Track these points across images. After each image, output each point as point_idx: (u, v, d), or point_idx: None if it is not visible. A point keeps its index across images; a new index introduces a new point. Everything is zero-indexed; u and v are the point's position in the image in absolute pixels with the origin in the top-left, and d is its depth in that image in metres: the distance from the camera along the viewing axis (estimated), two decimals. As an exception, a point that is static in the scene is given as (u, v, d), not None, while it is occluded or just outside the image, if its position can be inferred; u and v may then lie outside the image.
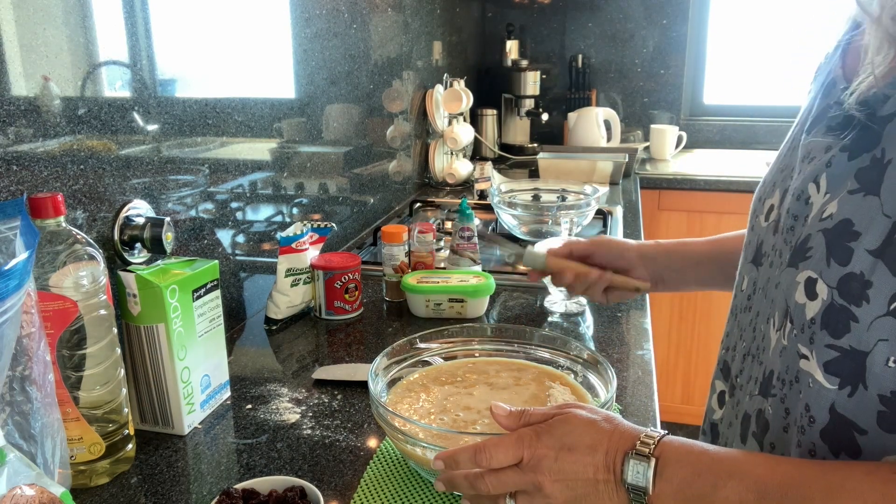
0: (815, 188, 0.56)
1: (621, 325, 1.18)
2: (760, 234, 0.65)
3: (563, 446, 0.59)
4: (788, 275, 0.56)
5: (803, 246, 0.55)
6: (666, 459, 0.56)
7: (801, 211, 0.57)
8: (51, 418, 0.64)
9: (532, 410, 0.64)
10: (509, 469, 0.60)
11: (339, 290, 1.21)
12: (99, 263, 0.72)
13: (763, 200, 0.66)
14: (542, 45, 3.06)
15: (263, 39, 1.27)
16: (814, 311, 0.52)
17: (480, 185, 2.07)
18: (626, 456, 0.57)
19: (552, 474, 0.58)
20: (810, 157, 0.59)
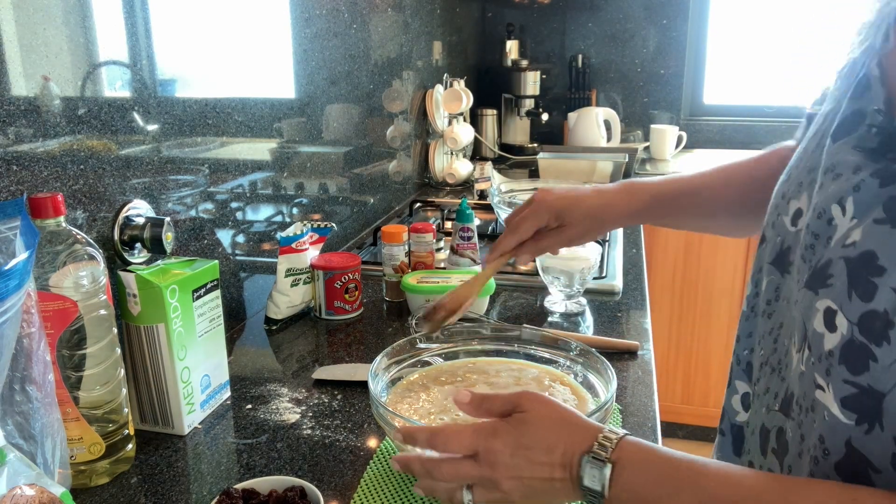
0: (839, 210, 0.52)
1: (621, 325, 1.18)
2: (785, 238, 0.60)
3: (520, 445, 0.59)
4: (806, 298, 0.53)
5: (824, 271, 0.51)
6: (623, 464, 0.55)
7: (822, 231, 0.53)
8: (51, 418, 0.64)
9: (493, 396, 0.64)
10: (465, 460, 0.60)
11: (339, 290, 1.21)
12: (99, 263, 0.72)
13: (788, 199, 0.61)
14: (542, 45, 3.06)
15: (263, 39, 1.27)
16: (832, 344, 0.49)
17: (480, 185, 2.07)
18: (582, 457, 0.56)
19: (507, 471, 0.58)
20: (835, 171, 0.54)
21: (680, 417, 2.63)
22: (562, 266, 1.20)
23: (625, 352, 1.06)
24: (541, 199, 0.87)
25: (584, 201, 0.86)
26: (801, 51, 2.84)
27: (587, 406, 0.80)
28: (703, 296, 2.48)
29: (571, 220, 0.86)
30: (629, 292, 1.33)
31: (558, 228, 0.87)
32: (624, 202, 0.87)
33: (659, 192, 0.88)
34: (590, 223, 0.87)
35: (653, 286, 2.49)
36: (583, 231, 0.88)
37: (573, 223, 0.86)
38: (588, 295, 1.29)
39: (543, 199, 0.86)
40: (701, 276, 2.47)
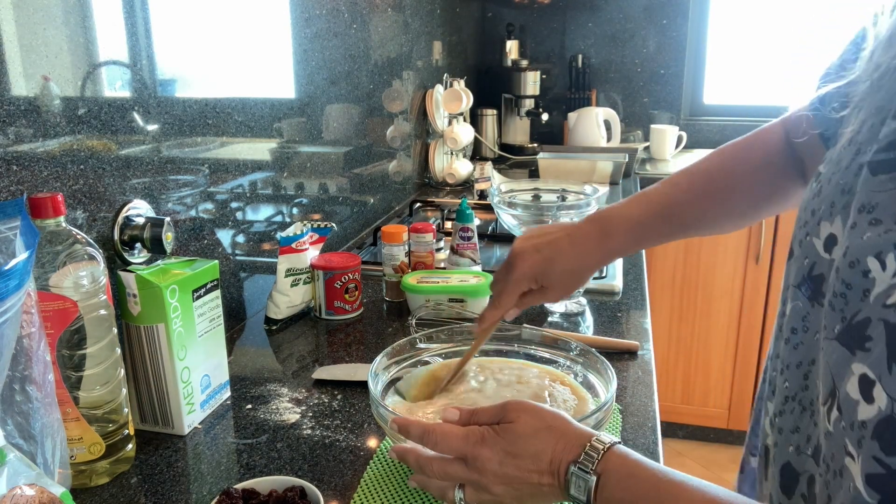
0: (877, 265, 0.45)
1: (621, 325, 1.18)
2: (817, 263, 0.54)
3: (508, 453, 0.59)
4: (838, 354, 0.47)
5: (860, 331, 0.45)
6: (607, 477, 0.56)
7: (855, 282, 0.47)
8: (51, 418, 0.64)
9: (481, 410, 0.65)
10: (455, 462, 0.61)
11: (339, 290, 1.21)
12: (99, 263, 0.72)
13: (819, 220, 0.55)
14: (542, 45, 3.06)
15: (263, 39, 1.27)
16: (867, 416, 0.44)
17: (480, 185, 2.07)
18: (569, 466, 0.57)
19: (496, 477, 0.60)
20: (873, 214, 0.47)
21: (680, 417, 2.63)
22: (562, 266, 1.20)
23: (625, 352, 1.06)
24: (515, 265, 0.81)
25: (558, 261, 0.80)
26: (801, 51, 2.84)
27: (587, 406, 0.80)
28: (703, 296, 2.48)
29: (550, 283, 0.82)
30: (629, 292, 1.33)
31: (540, 290, 0.83)
32: (599, 247, 0.81)
33: (636, 224, 0.81)
34: (568, 280, 0.83)
35: (653, 286, 2.49)
36: (563, 289, 0.84)
37: (552, 285, 0.82)
38: (588, 295, 1.29)
39: (518, 266, 0.81)
40: (701, 276, 2.47)
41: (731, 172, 0.81)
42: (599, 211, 0.84)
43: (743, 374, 2.52)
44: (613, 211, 0.82)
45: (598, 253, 0.81)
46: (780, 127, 0.80)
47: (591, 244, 0.81)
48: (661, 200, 0.81)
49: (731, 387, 2.54)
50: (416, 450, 0.64)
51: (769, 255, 2.39)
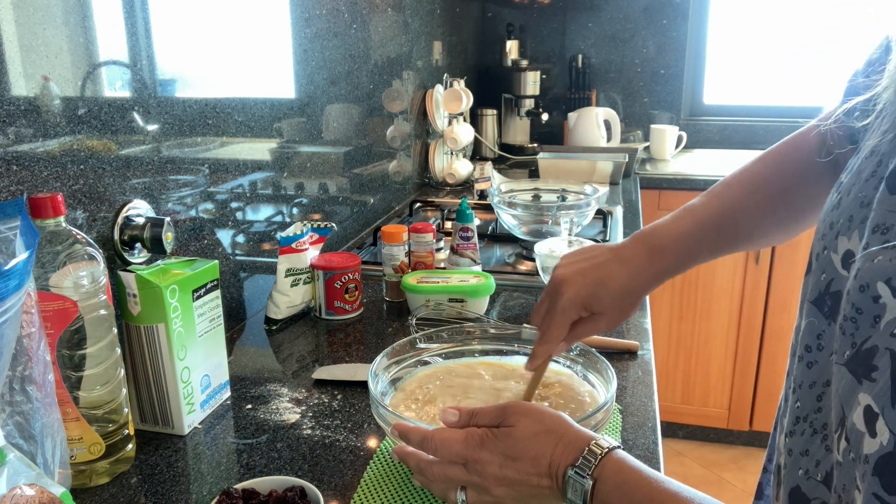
0: (888, 291, 0.43)
1: (621, 325, 1.18)
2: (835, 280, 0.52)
3: (508, 456, 0.60)
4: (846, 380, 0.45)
5: (868, 358, 0.43)
6: (603, 483, 0.56)
7: (866, 307, 0.44)
8: (51, 418, 0.64)
9: (480, 412, 0.65)
10: (456, 465, 0.62)
11: (339, 290, 1.21)
12: (99, 263, 0.72)
13: (837, 234, 0.52)
14: (542, 45, 3.06)
15: (263, 39, 1.27)
16: (870, 450, 0.41)
17: (480, 185, 2.07)
18: (567, 469, 0.57)
19: (496, 480, 0.60)
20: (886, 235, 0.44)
21: (680, 417, 2.63)
22: (562, 266, 1.20)
23: (625, 352, 1.06)
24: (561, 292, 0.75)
25: (608, 283, 0.74)
26: (801, 51, 2.84)
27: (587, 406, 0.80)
28: (703, 296, 2.48)
29: (602, 308, 0.75)
30: (629, 292, 1.33)
31: (591, 317, 0.76)
32: (650, 266, 0.76)
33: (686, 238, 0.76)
34: (621, 303, 0.76)
35: (653, 286, 2.49)
36: (617, 315, 0.77)
37: (605, 310, 0.75)
38: (588, 295, 1.29)
39: (564, 293, 0.74)
40: (701, 276, 2.47)
41: (776, 178, 0.77)
42: (643, 229, 0.79)
43: (743, 374, 2.52)
44: (659, 227, 0.78)
45: (649, 272, 0.76)
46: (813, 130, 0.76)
47: (641, 263, 0.75)
48: (708, 212, 0.77)
49: (731, 387, 2.54)
50: (416, 453, 0.65)
51: (769, 256, 2.39)
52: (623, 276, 0.75)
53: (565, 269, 0.76)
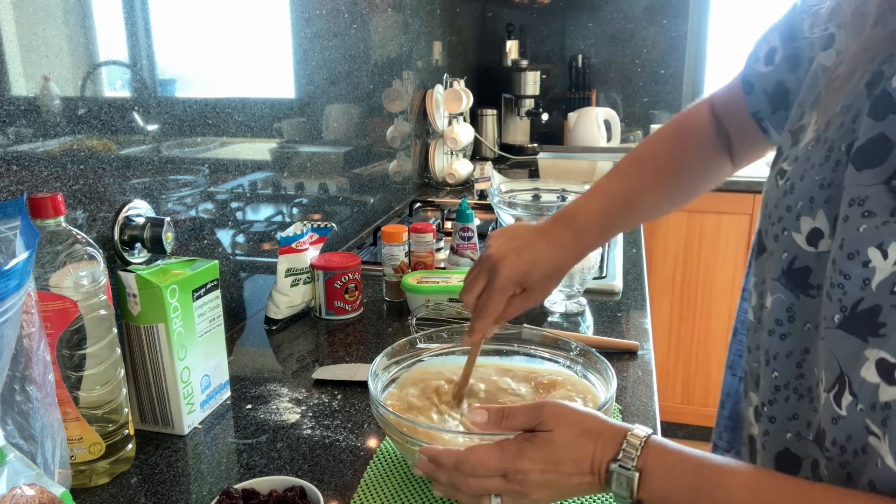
0: (878, 254, 0.48)
1: (621, 325, 1.18)
2: (799, 256, 0.57)
3: (549, 461, 0.59)
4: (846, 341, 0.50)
5: (870, 318, 0.48)
6: (649, 471, 0.56)
7: (855, 272, 0.49)
8: (51, 418, 0.64)
9: (513, 411, 0.63)
10: (494, 478, 0.60)
11: (339, 290, 1.21)
12: (99, 263, 0.72)
13: (797, 215, 0.57)
14: (542, 45, 3.06)
15: (263, 39, 1.27)
16: (890, 397, 0.46)
17: (480, 185, 2.07)
18: (610, 465, 0.57)
19: (538, 485, 0.59)
20: (865, 206, 0.50)
21: (680, 417, 2.63)
22: (562, 266, 1.20)
23: (625, 352, 1.06)
24: (499, 270, 0.78)
25: (540, 262, 0.79)
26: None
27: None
28: (703, 296, 2.48)
29: (534, 285, 0.80)
30: (629, 292, 1.33)
31: (522, 294, 0.81)
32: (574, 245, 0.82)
33: (602, 218, 0.82)
34: (550, 280, 0.82)
35: (653, 286, 2.49)
36: (545, 291, 0.83)
37: (536, 287, 0.80)
38: (588, 295, 1.29)
39: (501, 270, 0.78)
40: (701, 276, 2.47)
41: (675, 158, 0.84)
42: (563, 209, 0.83)
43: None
44: (578, 208, 0.83)
45: (574, 251, 0.82)
46: (706, 108, 0.85)
47: (567, 243, 0.81)
48: (619, 192, 0.83)
49: (731, 387, 2.54)
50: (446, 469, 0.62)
51: (769, 255, 2.38)
52: (552, 255, 0.80)
53: (499, 249, 0.79)
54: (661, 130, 0.87)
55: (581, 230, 0.81)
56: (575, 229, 0.81)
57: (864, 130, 0.52)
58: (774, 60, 0.72)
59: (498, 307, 0.79)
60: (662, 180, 0.85)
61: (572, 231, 0.81)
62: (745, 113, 0.77)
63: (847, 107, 0.55)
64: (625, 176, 0.84)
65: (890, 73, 0.51)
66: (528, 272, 0.79)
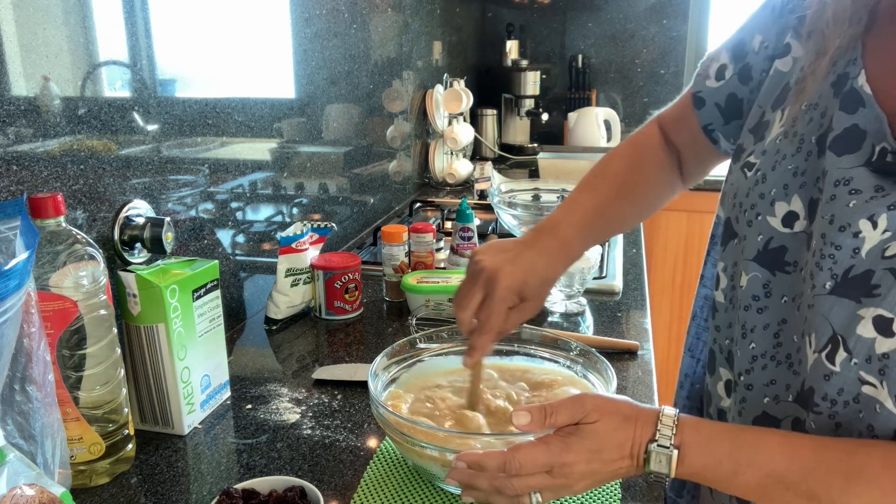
0: (868, 225, 0.55)
1: (621, 325, 1.18)
2: (774, 237, 0.64)
3: (593, 451, 0.60)
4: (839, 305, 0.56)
5: (863, 282, 0.54)
6: (688, 447, 0.58)
7: (845, 243, 0.56)
8: (51, 418, 0.64)
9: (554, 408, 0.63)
10: (539, 475, 0.61)
11: (339, 290, 1.21)
12: (99, 263, 0.72)
13: (771, 201, 0.64)
14: (542, 45, 3.06)
15: (263, 39, 1.27)
16: (888, 348, 0.53)
17: (480, 185, 2.07)
18: (648, 445, 0.59)
19: (581, 476, 0.61)
20: (850, 185, 0.57)
21: (680, 417, 2.63)
22: (562, 266, 1.20)
23: (625, 352, 1.06)
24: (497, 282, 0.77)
25: (535, 272, 0.80)
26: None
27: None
28: (703, 296, 2.48)
29: (531, 294, 0.80)
30: (629, 292, 1.33)
31: (520, 305, 0.81)
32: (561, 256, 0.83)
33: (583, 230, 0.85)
34: (544, 290, 0.83)
35: (653, 286, 2.49)
36: (541, 300, 0.83)
37: (533, 296, 0.81)
38: (588, 295, 1.29)
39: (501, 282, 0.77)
40: (701, 276, 2.46)
41: (634, 174, 0.89)
42: (543, 222, 0.85)
43: (743, 374, 2.51)
44: (557, 220, 0.85)
45: (561, 260, 0.83)
46: (656, 128, 0.91)
47: (555, 252, 0.82)
48: (591, 205, 0.86)
49: (731, 387, 2.54)
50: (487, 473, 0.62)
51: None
52: (543, 266, 0.81)
53: (493, 261, 0.79)
54: (619, 150, 0.92)
55: (566, 240, 0.83)
56: (560, 239, 0.83)
57: (838, 123, 0.59)
58: (725, 76, 0.78)
59: (500, 319, 0.78)
60: (627, 195, 0.89)
61: (558, 241, 0.83)
62: (695, 127, 0.82)
63: (813, 105, 0.63)
64: (595, 191, 0.88)
65: (854, 73, 0.60)
66: (526, 281, 0.79)
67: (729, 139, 0.80)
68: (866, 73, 0.59)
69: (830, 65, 0.62)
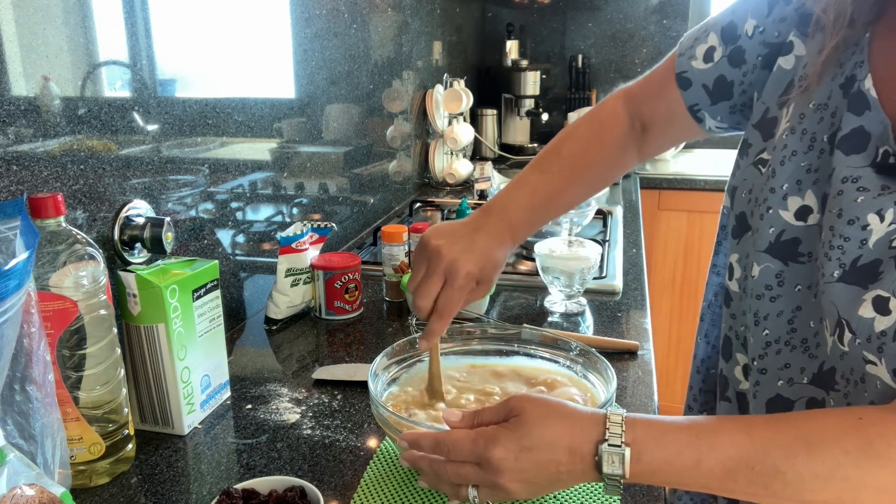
0: (876, 218, 0.58)
1: (621, 325, 1.18)
2: (787, 230, 0.66)
3: (523, 447, 0.59)
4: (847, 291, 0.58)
5: (871, 270, 0.57)
6: (642, 443, 0.57)
7: (853, 234, 0.59)
8: (51, 418, 0.64)
9: (484, 409, 0.64)
10: (469, 465, 0.61)
11: (339, 290, 1.21)
12: (99, 263, 0.72)
13: (784, 196, 0.66)
14: (542, 45, 3.06)
15: (263, 39, 1.27)
16: (885, 325, 0.55)
17: (480, 185, 2.07)
18: (598, 446, 0.57)
19: (512, 475, 0.59)
20: (858, 183, 0.60)
21: (680, 417, 2.63)
22: (562, 266, 1.20)
23: (625, 352, 1.06)
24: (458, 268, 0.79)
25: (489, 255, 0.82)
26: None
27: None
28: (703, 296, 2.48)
29: (485, 278, 0.82)
30: (629, 292, 1.33)
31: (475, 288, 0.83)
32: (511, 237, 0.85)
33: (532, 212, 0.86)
34: (497, 270, 0.84)
35: (653, 286, 2.49)
36: (493, 282, 0.85)
37: (486, 280, 0.83)
38: (588, 295, 1.29)
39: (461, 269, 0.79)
40: (701, 276, 2.46)
41: (590, 155, 0.89)
42: (491, 203, 0.86)
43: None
44: (507, 201, 0.86)
45: (510, 241, 0.85)
46: (620, 104, 0.90)
47: (504, 234, 0.84)
48: (542, 188, 0.87)
49: (731, 387, 2.54)
50: (427, 455, 0.64)
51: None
52: (495, 249, 0.83)
53: (448, 249, 0.80)
54: (579, 127, 0.91)
55: (515, 223, 0.85)
56: (509, 222, 0.84)
57: (846, 123, 0.62)
58: (714, 58, 0.79)
59: (458, 305, 0.81)
60: (579, 177, 0.89)
61: (507, 223, 0.84)
62: (676, 105, 0.83)
63: (822, 104, 0.65)
64: (548, 173, 0.88)
65: (861, 76, 0.61)
66: (483, 266, 0.81)
67: (715, 118, 0.82)
68: (872, 76, 0.61)
69: (837, 65, 0.64)
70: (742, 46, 0.76)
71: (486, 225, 0.84)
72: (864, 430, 0.53)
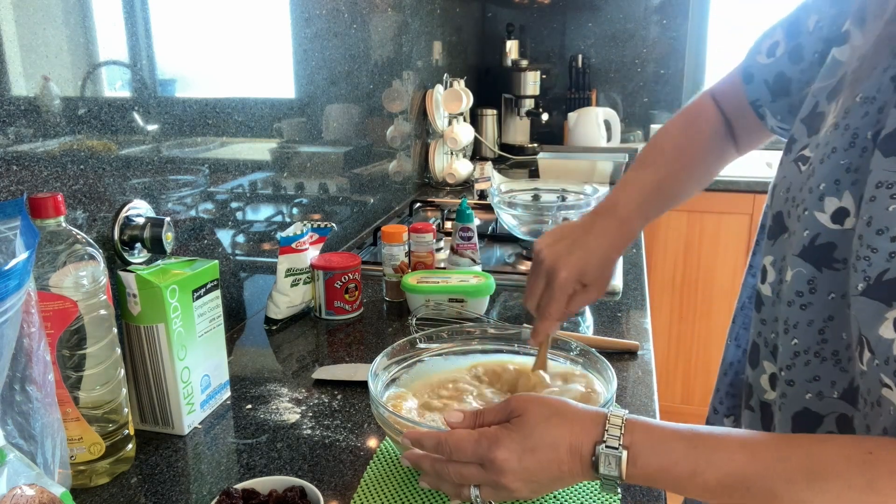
0: None
1: (621, 325, 1.18)
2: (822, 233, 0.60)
3: (525, 448, 0.59)
4: (870, 306, 0.54)
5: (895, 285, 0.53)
6: (639, 448, 0.56)
7: (882, 246, 0.54)
8: (51, 418, 0.64)
9: (485, 410, 0.65)
10: (472, 466, 0.61)
11: (339, 290, 1.21)
12: (99, 263, 0.72)
13: (821, 196, 0.60)
14: (542, 45, 3.06)
15: (263, 39, 1.27)
16: None
17: (480, 185, 2.07)
18: (596, 447, 0.57)
19: (516, 475, 0.59)
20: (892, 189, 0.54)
21: (680, 417, 2.62)
22: (562, 266, 1.20)
23: (625, 352, 1.06)
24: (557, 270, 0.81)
25: (593, 255, 0.82)
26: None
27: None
28: (703, 296, 2.48)
29: (592, 279, 0.83)
30: (629, 292, 1.33)
31: (583, 290, 0.83)
32: (620, 235, 0.85)
33: (642, 205, 0.86)
34: (605, 272, 0.84)
35: (653, 286, 2.49)
36: (604, 282, 0.85)
37: (594, 280, 0.83)
38: (588, 295, 1.29)
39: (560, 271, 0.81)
40: (701, 276, 2.47)
41: (689, 146, 0.90)
42: (604, 203, 0.87)
43: (743, 374, 2.51)
44: (616, 199, 0.86)
45: (620, 239, 0.85)
46: (709, 99, 0.90)
47: (613, 232, 0.84)
48: (648, 180, 0.87)
49: (731, 387, 2.54)
50: (430, 455, 0.64)
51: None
52: (603, 247, 0.83)
53: (550, 252, 0.83)
54: (674, 122, 0.92)
55: (624, 218, 0.85)
56: (618, 218, 0.85)
57: (892, 120, 0.55)
58: (776, 53, 0.77)
59: (560, 307, 0.82)
60: (685, 167, 0.89)
61: (616, 220, 0.85)
62: (744, 101, 0.82)
63: (869, 98, 0.58)
64: (652, 166, 0.88)
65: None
66: (584, 268, 0.82)
67: (776, 116, 0.80)
68: None
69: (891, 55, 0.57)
70: (802, 43, 0.73)
71: (594, 225, 0.85)
72: (873, 467, 0.50)
